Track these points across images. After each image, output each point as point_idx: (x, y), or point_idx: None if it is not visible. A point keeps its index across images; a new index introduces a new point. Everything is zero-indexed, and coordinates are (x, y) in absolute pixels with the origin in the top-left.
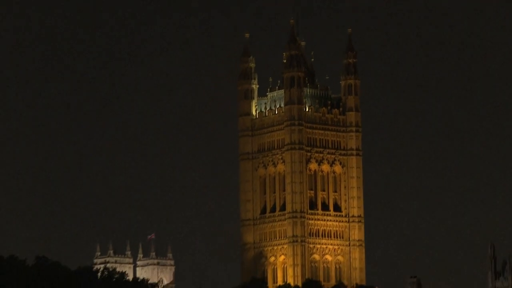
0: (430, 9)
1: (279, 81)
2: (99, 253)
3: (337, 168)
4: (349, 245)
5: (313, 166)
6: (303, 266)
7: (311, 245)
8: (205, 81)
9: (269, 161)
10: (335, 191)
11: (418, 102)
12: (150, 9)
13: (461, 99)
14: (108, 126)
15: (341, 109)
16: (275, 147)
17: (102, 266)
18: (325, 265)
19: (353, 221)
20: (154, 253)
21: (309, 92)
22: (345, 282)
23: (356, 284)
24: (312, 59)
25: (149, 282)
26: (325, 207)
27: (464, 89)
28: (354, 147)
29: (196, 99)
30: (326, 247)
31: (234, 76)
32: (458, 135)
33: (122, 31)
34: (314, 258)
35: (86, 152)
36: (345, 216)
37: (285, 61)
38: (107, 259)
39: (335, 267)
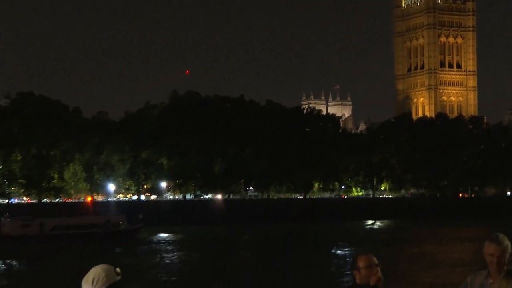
0: None
1: None
2: (304, 98)
3: (459, 40)
4: (467, 90)
5: (442, 39)
6: (435, 104)
7: (441, 91)
8: None
9: (413, 36)
10: (457, 55)
11: None
12: None
13: None
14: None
15: (462, 0)
16: (417, 27)
17: (306, 106)
18: (450, 103)
19: (469, 74)
20: (339, 98)
21: None
22: (464, 114)
23: (471, 115)
24: None
25: (336, 115)
26: (450, 65)
27: None
28: (470, 25)
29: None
30: (451, 92)
31: None
32: None
33: None
34: (443, 99)
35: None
36: (464, 71)
37: None
38: (309, 101)
39: (457, 105)
